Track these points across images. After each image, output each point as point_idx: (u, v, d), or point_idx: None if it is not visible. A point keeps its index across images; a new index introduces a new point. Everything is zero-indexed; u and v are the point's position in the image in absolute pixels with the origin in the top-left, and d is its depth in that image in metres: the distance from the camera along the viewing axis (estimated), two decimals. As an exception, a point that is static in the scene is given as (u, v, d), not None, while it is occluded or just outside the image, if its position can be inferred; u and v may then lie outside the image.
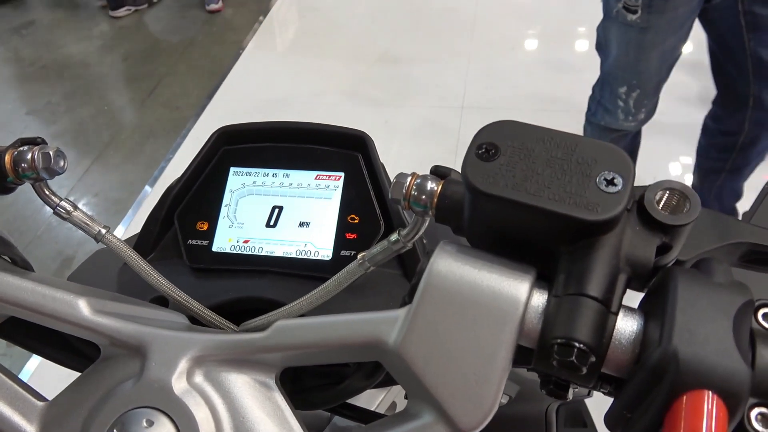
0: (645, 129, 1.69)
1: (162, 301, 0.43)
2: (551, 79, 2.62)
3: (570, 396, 0.29)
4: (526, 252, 0.29)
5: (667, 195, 0.28)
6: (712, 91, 1.62)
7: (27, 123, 2.80)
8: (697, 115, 1.71)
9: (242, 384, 0.33)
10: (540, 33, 2.99)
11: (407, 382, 0.30)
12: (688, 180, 1.87)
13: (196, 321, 0.41)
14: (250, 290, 0.45)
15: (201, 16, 3.43)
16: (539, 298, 0.28)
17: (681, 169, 2.14)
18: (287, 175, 0.48)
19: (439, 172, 0.32)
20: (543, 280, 0.29)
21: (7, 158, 0.37)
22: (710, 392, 0.22)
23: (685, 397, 0.22)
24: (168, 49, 3.20)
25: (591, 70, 1.63)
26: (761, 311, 0.26)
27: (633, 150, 1.82)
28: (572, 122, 1.76)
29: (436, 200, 0.31)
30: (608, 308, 0.26)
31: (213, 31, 3.32)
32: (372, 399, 0.51)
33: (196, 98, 2.80)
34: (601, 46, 1.55)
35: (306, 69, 2.88)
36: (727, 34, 1.45)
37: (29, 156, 0.37)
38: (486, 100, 2.58)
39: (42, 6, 3.70)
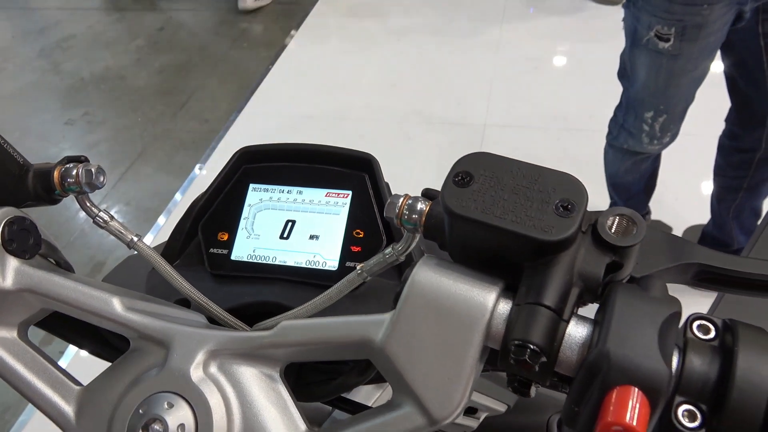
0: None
1: (185, 302, 0.47)
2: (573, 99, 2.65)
3: (533, 393, 0.33)
4: (496, 266, 0.33)
5: (617, 219, 0.32)
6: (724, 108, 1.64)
7: (65, 133, 2.92)
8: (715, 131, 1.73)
9: (250, 375, 0.37)
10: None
11: (391, 377, 0.34)
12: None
13: (214, 321, 0.46)
14: (263, 295, 0.49)
15: (233, 33, 3.55)
16: (504, 306, 0.32)
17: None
18: (300, 192, 0.52)
19: (428, 195, 0.37)
20: (511, 290, 0.33)
21: (56, 174, 0.43)
22: (636, 388, 0.26)
23: (615, 391, 0.27)
24: (200, 64, 3.31)
25: (613, 91, 1.66)
26: (696, 323, 0.30)
27: (654, 170, 1.84)
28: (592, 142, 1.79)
29: (424, 219, 0.36)
30: (560, 316, 0.30)
31: (244, 47, 3.43)
32: (369, 396, 0.55)
33: (225, 112, 2.89)
34: (624, 73, 1.56)
35: (333, 86, 2.95)
36: (745, 55, 1.47)
37: (74, 172, 0.42)
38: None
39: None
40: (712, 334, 0.30)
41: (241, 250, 0.51)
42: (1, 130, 0.42)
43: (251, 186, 0.53)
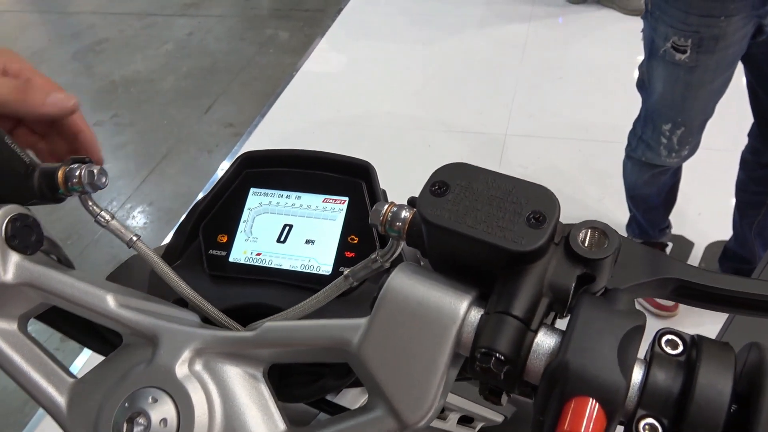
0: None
1: (183, 302, 0.48)
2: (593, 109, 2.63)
3: (504, 402, 0.34)
4: (471, 275, 0.34)
5: (590, 232, 0.32)
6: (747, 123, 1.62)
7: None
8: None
9: (234, 374, 0.38)
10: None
11: (366, 380, 0.35)
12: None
13: (209, 321, 0.47)
14: (258, 297, 0.50)
15: (259, 39, 3.60)
16: (476, 314, 0.32)
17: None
18: (299, 197, 0.53)
19: (413, 203, 0.38)
20: (484, 299, 0.33)
21: (60, 173, 0.44)
22: (593, 399, 0.27)
23: (573, 402, 0.27)
24: (226, 69, 3.36)
25: (636, 103, 1.64)
26: (664, 338, 0.30)
27: (674, 184, 1.81)
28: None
29: (407, 227, 0.36)
30: (528, 326, 0.30)
31: (269, 52, 3.48)
32: (355, 400, 0.56)
33: (249, 116, 2.93)
34: (643, 84, 1.55)
35: (356, 93, 2.97)
36: (767, 69, 1.45)
37: (77, 173, 0.44)
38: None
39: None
40: (680, 349, 0.30)
41: (239, 253, 0.52)
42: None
43: (252, 190, 0.54)
